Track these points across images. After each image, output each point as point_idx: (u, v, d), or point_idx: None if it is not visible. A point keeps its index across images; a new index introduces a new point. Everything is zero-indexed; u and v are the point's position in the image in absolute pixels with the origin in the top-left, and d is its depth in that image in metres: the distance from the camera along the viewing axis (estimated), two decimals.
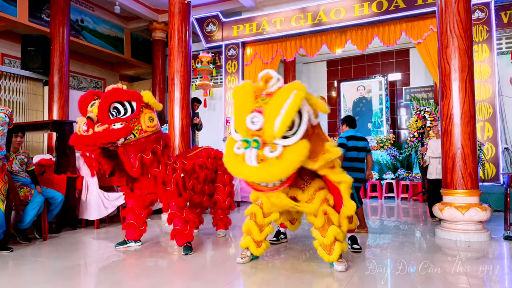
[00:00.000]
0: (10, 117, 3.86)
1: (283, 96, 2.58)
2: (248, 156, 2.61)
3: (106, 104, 3.29)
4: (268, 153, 2.59)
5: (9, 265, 3.37)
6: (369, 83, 9.96)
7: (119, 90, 3.35)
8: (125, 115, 3.34)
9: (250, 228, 3.30)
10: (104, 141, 3.24)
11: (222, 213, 4.48)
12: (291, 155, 2.58)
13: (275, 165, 2.56)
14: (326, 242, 2.99)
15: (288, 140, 2.62)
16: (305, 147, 2.62)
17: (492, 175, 6.88)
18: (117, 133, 3.25)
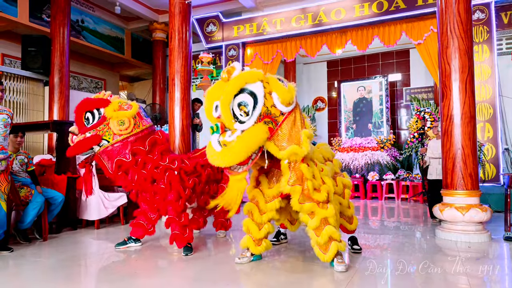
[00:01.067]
0: (11, 119, 3.86)
1: (230, 83, 2.83)
2: (213, 141, 2.85)
3: (79, 115, 3.52)
4: (228, 138, 2.81)
5: (9, 265, 3.37)
6: (370, 83, 9.96)
7: (87, 100, 3.56)
8: (93, 121, 3.51)
9: (248, 226, 3.30)
10: (79, 151, 3.50)
11: (224, 215, 4.48)
12: (246, 137, 2.77)
13: (232, 147, 2.76)
14: (320, 242, 3.00)
15: (245, 124, 2.80)
16: (260, 130, 2.79)
17: (493, 176, 6.88)
18: (86, 142, 3.46)
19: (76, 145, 3.47)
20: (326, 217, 2.99)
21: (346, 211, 3.50)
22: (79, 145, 3.46)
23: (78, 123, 3.52)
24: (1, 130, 3.67)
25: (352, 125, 10.05)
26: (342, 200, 3.39)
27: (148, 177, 3.62)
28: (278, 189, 3.17)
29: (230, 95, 2.80)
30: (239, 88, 2.80)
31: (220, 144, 2.82)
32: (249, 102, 2.80)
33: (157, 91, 10.53)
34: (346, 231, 3.58)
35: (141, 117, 3.67)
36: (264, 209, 3.23)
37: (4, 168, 3.70)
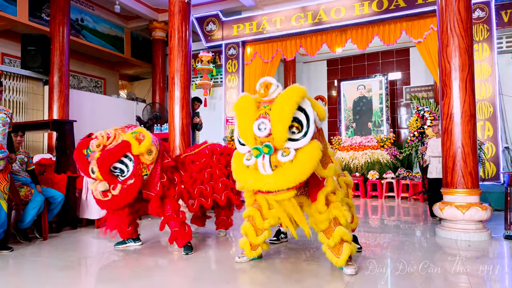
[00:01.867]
0: (10, 118, 3.88)
1: (286, 99, 2.53)
2: (261, 164, 2.55)
3: (106, 171, 3.29)
4: (282, 158, 2.52)
5: (10, 265, 3.37)
6: (369, 82, 9.96)
7: (108, 154, 3.28)
8: (129, 170, 3.35)
9: (247, 230, 3.23)
10: (128, 201, 3.38)
11: (225, 214, 4.47)
12: (306, 157, 2.52)
13: (290, 169, 2.49)
14: (331, 244, 2.88)
15: (299, 142, 2.56)
16: (318, 147, 2.57)
17: (493, 174, 6.88)
18: (134, 187, 3.34)
19: (122, 196, 3.29)
20: (336, 216, 2.90)
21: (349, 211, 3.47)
22: (128, 194, 3.31)
23: (107, 177, 3.29)
24: (0, 129, 3.67)
25: (352, 124, 10.05)
26: (348, 200, 3.33)
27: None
28: None
29: (290, 113, 2.50)
30: (295, 106, 2.53)
31: (271, 166, 2.54)
32: (302, 119, 2.58)
33: (157, 90, 10.53)
34: None
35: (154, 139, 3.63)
36: (266, 215, 3.18)
37: (3, 167, 3.70)
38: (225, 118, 9.18)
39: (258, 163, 2.57)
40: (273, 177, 2.51)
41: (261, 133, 2.58)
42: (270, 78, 2.76)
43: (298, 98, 2.53)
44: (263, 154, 2.54)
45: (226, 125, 9.06)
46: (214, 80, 10.08)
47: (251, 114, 2.64)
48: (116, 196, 3.30)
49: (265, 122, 2.58)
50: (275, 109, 2.54)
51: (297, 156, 2.52)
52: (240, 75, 9.16)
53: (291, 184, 2.49)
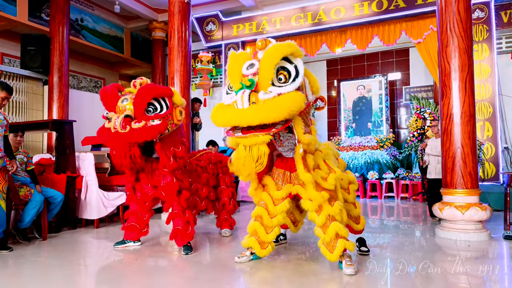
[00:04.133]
0: (6, 121, 3.89)
1: (279, 46, 2.67)
2: (240, 97, 2.57)
3: (144, 101, 3.30)
4: (262, 96, 2.57)
5: (9, 265, 3.37)
6: (369, 82, 9.96)
7: (154, 87, 3.39)
8: (162, 111, 3.39)
9: (256, 229, 3.21)
10: (145, 138, 3.28)
11: (227, 214, 4.49)
12: (285, 99, 2.55)
13: (266, 105, 2.52)
14: (327, 239, 2.92)
15: (283, 88, 2.62)
16: (301, 98, 2.60)
17: (492, 175, 6.88)
18: (156, 129, 3.29)
19: (141, 132, 3.21)
20: (332, 214, 2.93)
21: (353, 211, 3.42)
22: (148, 131, 3.23)
23: (141, 108, 3.28)
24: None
25: (352, 124, 10.05)
26: (347, 196, 3.33)
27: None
28: (287, 190, 3.14)
29: (279, 56, 2.62)
30: (286, 54, 2.66)
31: (250, 101, 2.55)
32: (291, 70, 2.68)
33: None
34: (353, 231, 3.48)
35: None
36: (273, 212, 3.17)
37: (1, 167, 3.72)
38: None
39: (238, 98, 2.59)
40: (248, 110, 2.53)
41: (248, 71, 2.67)
42: (271, 39, 2.86)
43: (289, 50, 2.67)
44: (244, 89, 2.59)
45: None
46: (214, 80, 10.08)
47: (243, 58, 2.77)
48: (135, 130, 3.21)
49: (254, 62, 2.70)
50: (266, 52, 2.68)
51: (277, 98, 2.56)
52: None
53: (262, 119, 2.48)
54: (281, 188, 3.18)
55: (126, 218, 3.96)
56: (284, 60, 2.69)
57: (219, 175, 4.42)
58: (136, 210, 3.89)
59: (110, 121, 3.32)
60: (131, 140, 3.25)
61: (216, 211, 4.52)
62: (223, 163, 4.51)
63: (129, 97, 3.37)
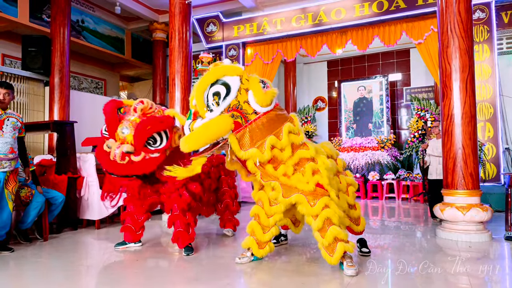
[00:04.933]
0: (21, 123, 4.00)
1: (207, 75, 3.04)
2: (187, 127, 3.07)
3: (144, 136, 3.30)
4: (196, 124, 2.99)
5: (10, 266, 3.37)
6: (370, 83, 9.96)
7: (155, 122, 3.36)
8: (161, 144, 3.42)
9: (254, 229, 3.24)
10: (144, 172, 3.37)
11: (230, 214, 4.49)
12: (207, 126, 2.92)
13: (193, 134, 2.94)
14: (325, 243, 2.92)
15: (213, 113, 2.97)
16: (224, 121, 2.93)
17: (493, 176, 6.87)
18: (155, 162, 3.37)
19: (139, 165, 3.28)
20: (328, 217, 2.92)
21: (353, 212, 3.42)
22: (147, 165, 3.31)
23: (139, 143, 3.29)
24: (11, 133, 3.80)
25: (353, 125, 10.05)
26: (347, 197, 3.33)
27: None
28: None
29: (206, 84, 2.98)
30: (216, 78, 2.98)
31: (190, 130, 3.03)
32: (221, 92, 2.95)
33: (157, 91, 10.53)
34: (353, 232, 3.49)
35: None
36: (269, 212, 3.19)
37: (14, 168, 3.81)
38: None
39: (185, 126, 3.16)
40: (184, 138, 2.99)
41: (191, 102, 3.12)
42: (226, 60, 3.27)
43: (221, 74, 2.99)
44: (189, 119, 3.08)
45: None
46: None
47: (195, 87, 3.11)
48: (134, 163, 3.26)
49: (193, 93, 3.12)
50: (198, 82, 3.06)
51: (203, 124, 2.96)
52: None
53: (192, 146, 2.92)
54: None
55: (123, 219, 3.96)
56: (216, 84, 2.98)
57: (221, 177, 4.42)
58: (133, 212, 3.89)
59: (110, 149, 3.32)
60: (129, 172, 3.32)
61: (218, 212, 4.52)
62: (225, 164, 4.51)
63: (127, 126, 3.33)
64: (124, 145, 3.27)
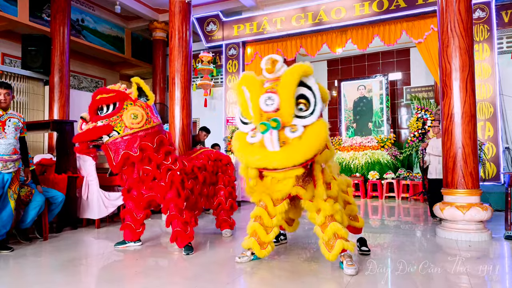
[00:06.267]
0: (22, 123, 4.01)
1: (293, 73, 2.53)
2: (269, 139, 2.49)
3: (94, 104, 3.53)
4: (290, 134, 2.50)
5: (10, 265, 3.37)
6: (370, 82, 9.95)
7: (103, 90, 3.60)
8: (107, 111, 3.51)
9: (256, 230, 3.22)
10: (88, 138, 3.47)
11: (226, 214, 4.48)
12: (314, 134, 2.52)
13: (298, 145, 2.47)
14: (325, 238, 2.94)
15: (307, 119, 2.55)
16: (325, 126, 2.60)
17: (493, 175, 6.88)
18: (97, 130, 3.44)
19: (85, 132, 3.45)
20: (331, 213, 2.94)
21: (352, 210, 3.45)
22: (89, 133, 3.44)
23: (91, 111, 3.52)
24: (13, 134, 3.82)
25: (353, 124, 10.05)
26: (347, 197, 3.36)
27: (150, 174, 3.62)
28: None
29: (294, 86, 2.50)
30: (300, 78, 2.54)
31: (279, 142, 2.50)
32: (309, 96, 2.57)
33: (157, 90, 10.53)
34: (355, 230, 3.52)
35: (153, 114, 3.67)
36: (273, 212, 3.18)
37: (17, 168, 3.85)
38: (225, 119, 9.18)
39: (265, 139, 2.52)
40: (281, 153, 2.46)
41: (268, 107, 2.54)
42: (276, 55, 2.75)
43: (303, 73, 2.54)
44: (271, 129, 2.49)
45: (227, 125, 9.06)
46: (215, 80, 10.09)
47: (257, 89, 2.62)
48: (87, 130, 3.45)
49: (272, 97, 2.54)
50: (282, 83, 2.54)
51: (305, 133, 2.51)
52: (240, 76, 9.16)
53: (300, 160, 2.46)
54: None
55: (123, 217, 3.97)
56: (300, 87, 2.58)
57: (218, 173, 4.43)
58: (132, 209, 3.90)
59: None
60: (79, 140, 3.50)
61: (214, 212, 4.53)
62: (223, 161, 4.52)
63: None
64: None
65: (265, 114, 2.56)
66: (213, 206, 4.46)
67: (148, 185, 3.70)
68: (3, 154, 3.71)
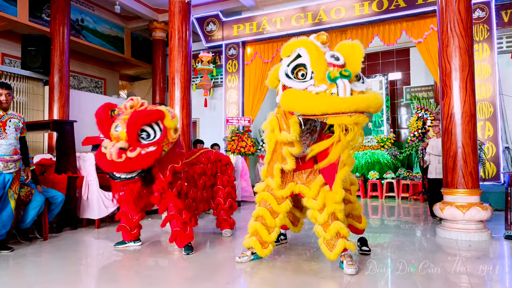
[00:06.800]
0: (22, 124, 4.01)
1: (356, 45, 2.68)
2: (343, 86, 2.48)
3: (135, 130, 3.26)
4: (357, 87, 2.53)
5: (10, 265, 3.37)
6: (370, 82, 9.92)
7: (143, 114, 3.31)
8: (155, 137, 3.36)
9: (258, 229, 3.21)
10: (142, 167, 3.30)
11: (225, 214, 4.48)
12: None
13: (372, 97, 2.51)
14: (327, 237, 2.93)
15: (362, 85, 2.61)
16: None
17: (493, 175, 6.88)
18: (152, 156, 3.29)
19: (137, 160, 3.22)
20: (334, 212, 2.94)
21: (355, 210, 3.44)
22: (144, 160, 3.24)
23: (131, 138, 3.24)
24: (14, 134, 3.82)
25: None
26: (350, 196, 3.35)
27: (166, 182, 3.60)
28: (290, 189, 3.16)
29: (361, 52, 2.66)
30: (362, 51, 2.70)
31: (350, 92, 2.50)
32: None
33: (157, 90, 10.53)
34: (357, 231, 3.52)
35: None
36: (277, 210, 3.18)
37: (18, 169, 3.86)
38: (225, 119, 9.17)
39: (339, 85, 2.49)
40: (352, 98, 2.45)
41: (336, 61, 2.62)
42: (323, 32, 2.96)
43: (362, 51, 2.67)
44: (342, 78, 2.51)
45: (226, 125, 9.06)
46: (214, 80, 10.08)
47: (319, 49, 2.83)
48: (131, 159, 3.20)
49: (337, 55, 2.68)
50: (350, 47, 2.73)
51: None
52: (240, 76, 9.16)
53: (372, 108, 2.48)
54: (284, 187, 3.18)
55: (118, 219, 3.97)
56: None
57: (217, 174, 4.42)
58: (127, 211, 3.88)
59: (106, 148, 3.29)
60: (127, 169, 3.25)
61: (214, 212, 4.53)
62: (222, 162, 4.52)
63: (120, 124, 3.30)
64: (118, 142, 3.24)
65: (332, 69, 2.58)
66: (212, 206, 4.46)
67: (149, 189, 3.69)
68: (4, 155, 3.72)
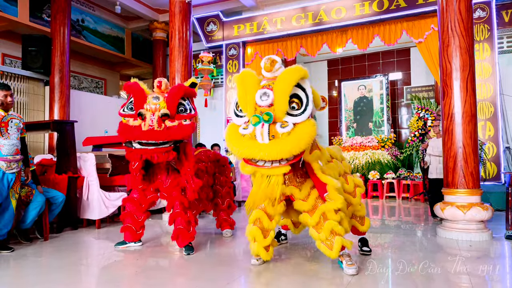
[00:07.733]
0: (23, 124, 4.05)
1: (289, 73, 2.70)
2: (260, 131, 2.64)
3: (177, 98, 3.37)
4: (280, 129, 2.65)
5: (10, 265, 3.37)
6: (370, 82, 9.95)
7: (184, 86, 3.47)
8: (191, 112, 3.47)
9: (255, 235, 3.18)
10: (181, 137, 3.35)
11: (225, 214, 4.48)
12: (303, 131, 2.65)
13: (286, 140, 2.60)
14: (323, 237, 2.91)
15: (298, 117, 2.70)
16: (314, 125, 2.72)
17: (494, 175, 6.87)
18: (189, 129, 3.37)
19: (177, 130, 3.27)
20: (324, 212, 2.93)
21: (358, 212, 3.43)
22: (183, 131, 3.31)
23: (173, 108, 3.34)
24: (16, 134, 3.86)
25: (353, 124, 10.04)
26: (353, 199, 3.34)
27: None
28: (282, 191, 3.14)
29: (291, 85, 2.68)
30: (297, 80, 2.72)
31: (269, 136, 2.62)
32: (302, 96, 2.75)
33: None
34: (358, 232, 3.52)
35: None
36: (272, 213, 3.17)
37: (19, 169, 3.89)
38: (225, 119, 9.18)
39: (257, 131, 2.66)
40: (269, 146, 2.59)
41: (263, 102, 2.72)
42: (276, 56, 2.93)
43: (300, 75, 2.71)
44: (263, 122, 2.65)
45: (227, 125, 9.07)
46: (215, 80, 10.09)
47: (254, 84, 2.80)
48: (171, 128, 3.27)
49: (268, 92, 2.73)
50: (279, 81, 2.72)
51: (294, 130, 2.67)
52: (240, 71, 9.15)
53: (286, 154, 2.59)
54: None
55: (123, 220, 3.95)
56: (295, 87, 2.75)
57: (216, 174, 4.43)
58: (132, 212, 3.88)
59: (142, 118, 3.27)
60: (167, 138, 3.27)
61: (213, 213, 4.54)
62: (221, 162, 4.53)
63: (160, 96, 3.40)
64: (161, 109, 3.30)
65: (259, 108, 2.73)
66: (211, 208, 4.47)
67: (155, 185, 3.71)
68: (7, 155, 3.74)
